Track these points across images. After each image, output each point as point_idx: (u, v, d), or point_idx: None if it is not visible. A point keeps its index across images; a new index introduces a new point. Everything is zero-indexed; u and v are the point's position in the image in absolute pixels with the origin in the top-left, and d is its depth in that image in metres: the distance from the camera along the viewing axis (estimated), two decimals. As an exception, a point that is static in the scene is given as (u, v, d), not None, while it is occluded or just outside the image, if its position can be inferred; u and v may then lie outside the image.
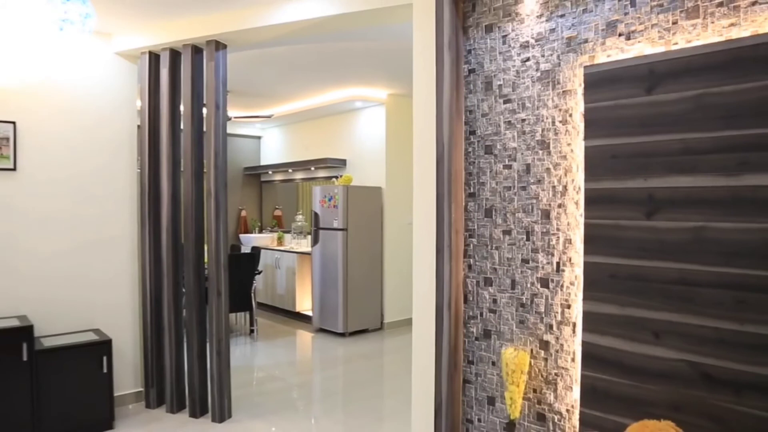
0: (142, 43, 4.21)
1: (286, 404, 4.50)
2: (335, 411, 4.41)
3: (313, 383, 5.11)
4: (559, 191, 2.62)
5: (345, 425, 4.12)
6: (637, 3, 2.36)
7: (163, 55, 4.21)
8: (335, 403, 4.63)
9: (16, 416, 3.59)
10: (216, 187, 4.08)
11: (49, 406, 3.71)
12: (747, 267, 2.05)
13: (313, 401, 4.65)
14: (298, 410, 4.39)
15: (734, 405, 2.09)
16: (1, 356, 3.55)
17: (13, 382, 3.58)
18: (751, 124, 2.03)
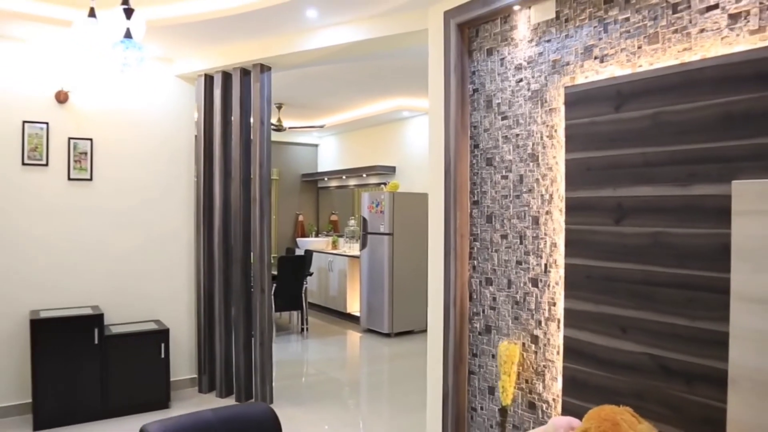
0: (198, 67, 4.75)
1: (325, 395, 4.91)
2: (370, 402, 4.78)
3: (354, 378, 5.50)
4: (546, 199, 2.89)
5: (377, 414, 4.48)
6: (609, 29, 2.61)
7: (216, 77, 4.73)
8: (371, 395, 5.00)
9: (89, 390, 4.18)
10: (261, 194, 4.55)
11: (116, 384, 4.28)
12: (696, 268, 2.27)
13: (350, 393, 5.03)
14: (335, 400, 4.79)
15: (686, 394, 2.30)
16: (77, 338, 4.15)
17: (86, 361, 4.17)
18: (698, 140, 2.25)
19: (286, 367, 5.71)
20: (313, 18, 3.88)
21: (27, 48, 4.28)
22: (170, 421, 2.16)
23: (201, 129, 4.82)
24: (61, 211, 4.46)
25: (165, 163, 4.87)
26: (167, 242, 4.89)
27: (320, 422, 4.25)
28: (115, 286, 4.66)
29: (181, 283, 4.96)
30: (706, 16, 2.27)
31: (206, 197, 4.82)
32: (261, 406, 2.34)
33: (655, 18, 2.44)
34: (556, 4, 2.84)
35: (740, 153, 2.14)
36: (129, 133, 4.72)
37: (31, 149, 4.34)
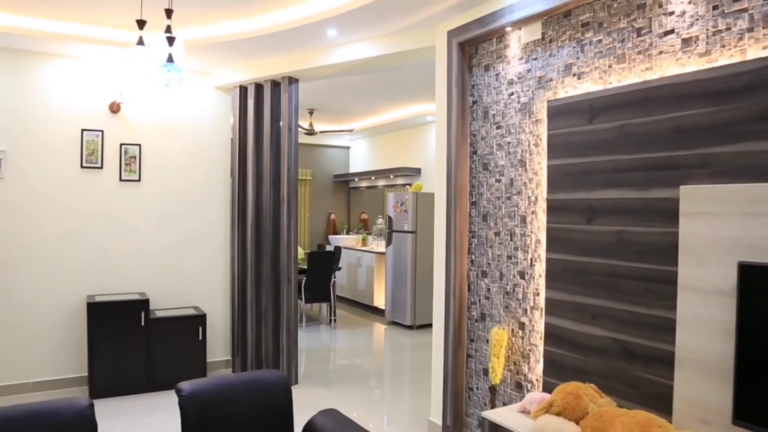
0: (233, 79, 5.22)
1: (346, 378, 5.33)
2: (387, 386, 5.17)
3: (374, 365, 5.89)
4: (532, 201, 3.23)
5: (392, 395, 4.87)
6: (585, 49, 2.93)
7: (249, 88, 5.20)
8: (389, 380, 5.38)
9: (136, 366, 4.71)
10: (288, 194, 4.99)
11: (159, 361, 4.80)
12: (653, 263, 2.58)
13: (370, 378, 5.42)
14: (355, 383, 5.19)
15: (644, 373, 2.62)
16: (126, 321, 4.69)
17: (134, 341, 4.71)
18: (655, 149, 2.57)
19: (313, 354, 6.15)
20: (334, 36, 4.29)
21: (84, 65, 4.83)
22: (201, 381, 2.62)
23: (236, 135, 5.28)
24: (114, 208, 5.00)
25: (204, 166, 5.36)
26: (206, 237, 5.38)
27: (339, 401, 4.66)
28: (159, 275, 5.18)
29: (218, 274, 5.45)
30: (664, 39, 2.58)
31: (240, 197, 5.28)
32: (275, 372, 2.78)
33: (623, 40, 2.76)
34: (542, 26, 3.18)
35: (688, 161, 2.45)
36: (173, 138, 5.22)
37: (88, 154, 4.88)
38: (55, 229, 4.78)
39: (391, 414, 4.45)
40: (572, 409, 2.58)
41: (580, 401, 2.59)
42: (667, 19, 2.56)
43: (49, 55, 4.71)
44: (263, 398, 2.67)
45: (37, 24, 4.25)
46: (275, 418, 2.66)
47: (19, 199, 4.65)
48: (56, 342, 4.79)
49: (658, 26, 2.61)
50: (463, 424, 3.71)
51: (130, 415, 4.30)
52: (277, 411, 2.67)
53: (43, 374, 4.74)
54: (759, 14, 2.24)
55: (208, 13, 4.14)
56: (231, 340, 5.42)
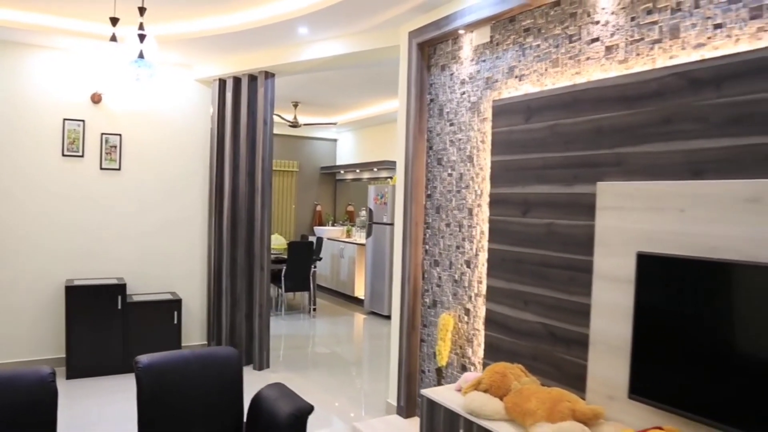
0: (213, 72, 5.42)
1: (317, 364, 5.55)
2: (356, 371, 5.39)
3: (347, 352, 6.11)
4: (478, 194, 3.44)
5: (357, 380, 5.09)
6: (526, 53, 3.13)
7: (228, 81, 5.40)
8: (359, 366, 5.60)
9: (112, 348, 4.93)
10: (263, 184, 5.20)
11: (135, 344, 5.02)
12: (575, 253, 2.79)
13: (341, 364, 5.64)
14: (326, 368, 5.42)
15: (566, 355, 2.83)
16: (104, 304, 4.90)
17: (111, 323, 4.93)
18: (580, 148, 2.77)
19: (290, 340, 6.37)
20: (305, 34, 4.48)
21: (67, 56, 5.03)
22: (158, 354, 2.84)
23: (215, 126, 5.49)
24: (94, 195, 5.21)
25: (183, 156, 5.57)
26: (183, 225, 5.60)
27: (306, 383, 4.88)
28: (138, 261, 5.40)
29: (195, 260, 5.67)
30: (590, 46, 2.78)
31: (217, 186, 5.49)
32: (228, 349, 3.00)
33: (557, 46, 2.96)
34: (491, 30, 3.38)
35: (606, 160, 2.65)
36: (153, 129, 5.43)
37: (69, 143, 5.09)
38: (36, 215, 4.99)
39: (353, 396, 4.67)
40: (498, 387, 2.79)
41: (506, 379, 2.81)
42: (594, 28, 2.76)
43: (32, 47, 4.91)
44: (216, 372, 2.90)
45: (21, 16, 4.45)
46: (227, 391, 2.89)
47: (1, 185, 4.86)
48: (35, 324, 5.01)
49: (586, 34, 2.81)
50: (415, 405, 3.93)
51: (105, 394, 4.52)
52: (229, 384, 2.90)
53: (21, 355, 4.96)
54: (666, 27, 2.44)
55: (189, 8, 4.34)
56: (206, 324, 5.64)
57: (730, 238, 2.12)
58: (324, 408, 4.37)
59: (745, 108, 2.15)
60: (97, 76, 5.17)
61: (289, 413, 2.61)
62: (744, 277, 2.01)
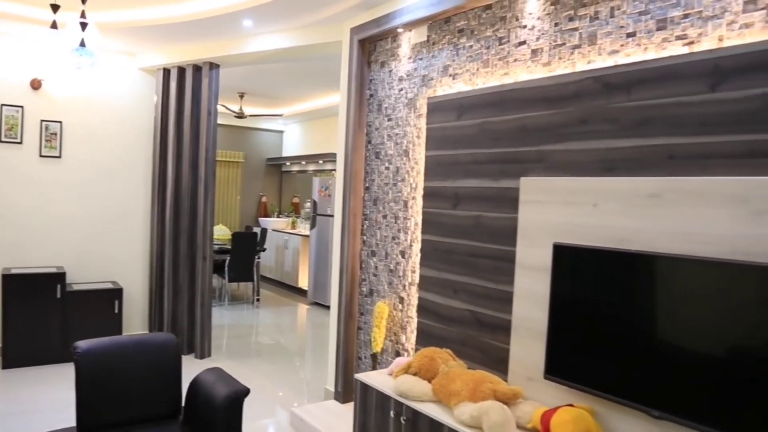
0: (158, 62, 5.39)
1: (259, 352, 5.62)
2: (297, 359, 5.48)
3: (289, 341, 6.19)
4: (413, 187, 3.58)
5: (298, 368, 5.18)
6: (459, 53, 3.28)
7: (172, 71, 5.38)
8: (300, 354, 5.69)
9: (51, 337, 4.88)
10: (206, 175, 5.22)
11: (74, 333, 4.97)
12: (501, 244, 2.96)
13: (282, 352, 5.72)
14: (267, 356, 5.49)
15: (491, 340, 3.01)
16: (42, 293, 4.84)
17: (49, 313, 4.88)
18: (506, 145, 2.94)
19: (233, 330, 6.41)
20: (250, 26, 4.53)
21: (6, 40, 4.91)
22: (96, 340, 2.87)
23: (158, 116, 5.46)
24: (33, 183, 5.11)
25: (126, 145, 5.52)
26: (126, 213, 5.55)
27: (247, 371, 4.95)
28: (78, 250, 5.33)
29: (137, 249, 5.63)
30: (518, 49, 2.95)
31: (161, 175, 5.47)
32: (166, 334, 3.06)
33: (488, 47, 3.12)
34: (428, 30, 3.51)
35: (529, 156, 2.83)
36: (94, 117, 5.36)
37: (7, 129, 4.98)
38: (-29, 200, 4.88)
39: (295, 384, 4.77)
40: (426, 370, 2.94)
41: (434, 363, 2.96)
42: (522, 32, 2.93)
43: (-32, 29, 4.79)
44: (154, 357, 2.95)
45: (-46, -2, 4.34)
46: (165, 375, 2.95)
47: (-66, 169, 4.73)
48: (-30, 311, 4.90)
49: (514, 37, 2.97)
50: (352, 390, 4.06)
51: (43, 383, 4.48)
52: (167, 369, 2.96)
53: (-45, 342, 4.85)
54: (586, 33, 2.63)
55: (126, -3, 4.32)
56: (148, 314, 5.62)
57: (636, 231, 2.32)
58: (265, 395, 4.45)
59: (651, 111, 2.35)
60: (37, 62, 5.06)
61: (225, 395, 2.70)
62: (647, 266, 2.21)
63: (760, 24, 2.05)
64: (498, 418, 2.41)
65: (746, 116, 2.06)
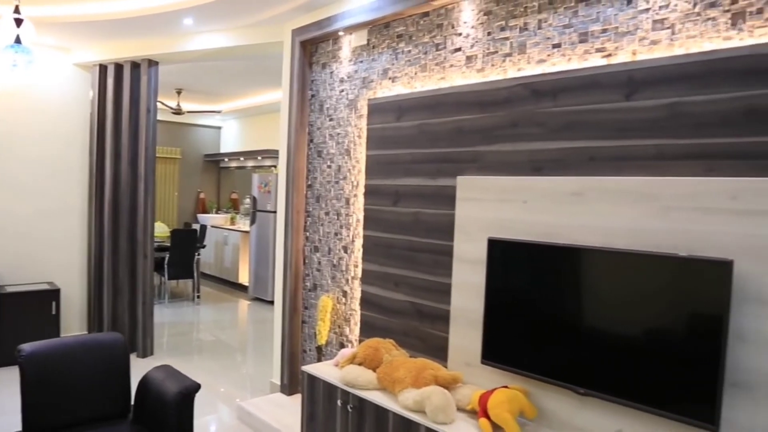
0: (93, 58, 5.30)
1: (202, 349, 5.63)
2: (241, 355, 5.53)
3: (232, 337, 6.22)
4: (355, 185, 3.72)
5: (242, 363, 5.24)
6: (398, 57, 3.44)
7: (109, 68, 5.30)
8: (244, 350, 5.75)
9: (-20, 342, 4.74)
10: (146, 173, 5.19)
11: (10, 336, 4.85)
12: (439, 239, 3.15)
13: (225, 348, 5.75)
14: (210, 353, 5.52)
15: (431, 330, 3.19)
16: (-29, 296, 4.70)
17: (-22, 315, 4.73)
18: (443, 145, 3.13)
19: (174, 328, 6.38)
20: (190, 25, 4.54)
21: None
22: (41, 342, 2.87)
23: (95, 113, 5.37)
24: (-42, 181, 4.95)
25: (61, 142, 5.40)
26: (62, 213, 5.44)
27: (192, 368, 4.97)
28: (12, 251, 5.19)
29: (74, 249, 5.53)
30: (454, 55, 3.13)
31: (98, 173, 5.39)
32: (113, 334, 3.08)
33: (426, 52, 3.28)
34: (368, 34, 3.65)
35: (464, 157, 3.02)
36: (27, 113, 5.22)
37: (-71, 124, 4.79)
38: None
39: (238, 380, 4.84)
40: (371, 360, 3.10)
41: (378, 353, 3.12)
42: (457, 39, 3.11)
43: None
44: (101, 357, 2.97)
45: None
46: (113, 375, 2.97)
47: None
48: None
49: (450, 44, 3.15)
50: (298, 382, 4.18)
51: (-25, 385, 4.37)
52: (115, 368, 2.99)
53: None
54: (516, 43, 2.83)
55: (61, -7, 4.25)
56: (87, 314, 5.54)
57: (561, 225, 2.54)
58: (209, 392, 4.50)
59: (574, 116, 2.57)
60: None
61: (176, 392, 2.76)
62: (571, 258, 2.43)
63: (666, 41, 2.30)
64: (439, 402, 2.59)
65: (655, 123, 2.31)
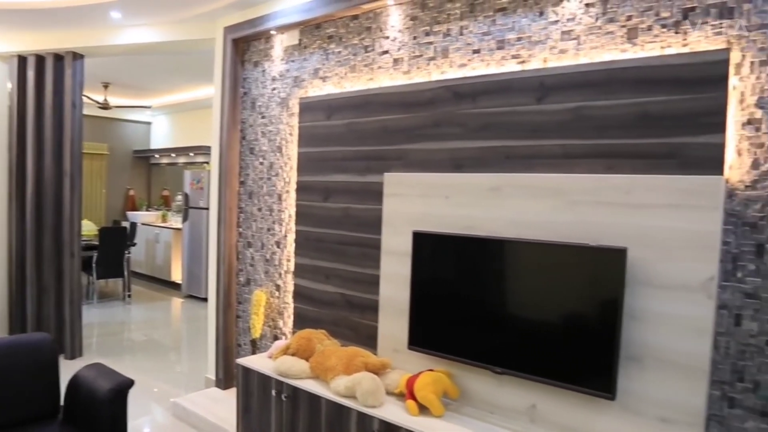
0: (11, 48, 5.14)
1: (134, 349, 5.58)
2: (174, 353, 5.51)
3: (165, 335, 6.18)
4: (287, 182, 3.81)
5: (176, 361, 5.23)
6: (329, 57, 3.56)
7: (29, 59, 5.15)
8: (178, 348, 5.73)
9: None
10: (72, 169, 5.08)
11: (-77, 340, 4.66)
12: (368, 233, 3.29)
13: (159, 346, 5.71)
14: (143, 352, 5.47)
15: (361, 319, 3.33)
16: None
17: None
18: (371, 143, 3.27)
19: (104, 328, 6.26)
20: (118, 18, 4.49)
21: None
22: (-39, 344, 2.81)
23: (14, 106, 5.21)
24: None
25: (-22, 137, 5.22)
26: (-20, 210, 5.26)
27: (124, 368, 4.92)
28: (-77, 250, 4.98)
29: (-6, 248, 5.36)
30: (382, 57, 3.27)
31: (19, 169, 5.23)
32: (40, 334, 3.06)
33: (355, 54, 3.41)
34: (300, 34, 3.75)
35: (391, 154, 3.17)
36: (-60, 106, 5.01)
37: None
38: None
39: (172, 378, 4.84)
40: (304, 350, 3.21)
41: (311, 343, 3.23)
42: (385, 42, 3.26)
43: None
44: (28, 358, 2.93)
45: None
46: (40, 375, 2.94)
47: None
48: None
49: (378, 47, 3.29)
50: (233, 376, 4.23)
51: None
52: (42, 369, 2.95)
53: None
54: (439, 48, 3.00)
55: (-21, -16, 4.12)
56: (8, 316, 5.37)
57: (481, 219, 2.73)
58: (143, 392, 4.48)
59: (491, 118, 2.76)
60: None
61: (109, 389, 2.77)
62: (489, 248, 2.62)
63: (573, 51, 2.52)
64: (369, 387, 2.73)
65: (563, 125, 2.53)
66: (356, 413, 2.70)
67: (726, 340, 2.14)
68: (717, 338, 2.15)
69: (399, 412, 2.65)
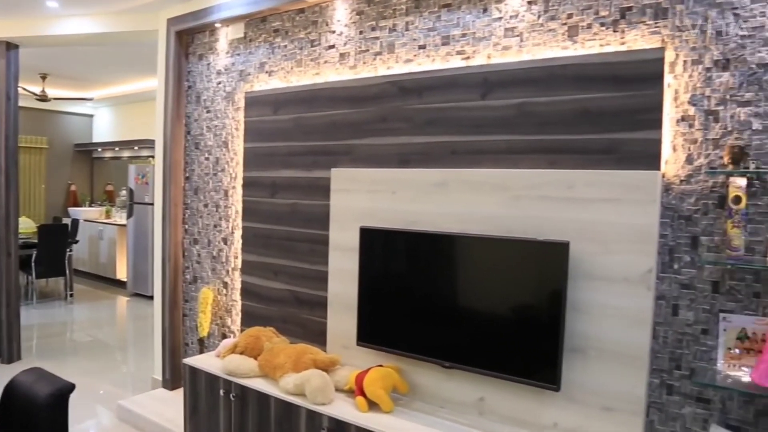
0: (-61, 38, 4.88)
1: (78, 350, 5.40)
2: (120, 353, 5.37)
3: (111, 335, 6.01)
4: (233, 177, 3.75)
5: (122, 362, 5.10)
6: (275, 51, 3.51)
7: (-41, 50, 4.90)
8: (124, 348, 5.57)
9: None
10: (7, 164, 4.88)
11: None
12: (315, 228, 3.27)
13: (104, 347, 5.55)
14: (87, 354, 5.30)
15: (310, 316, 3.32)
16: None
17: None
18: (318, 138, 3.24)
19: (44, 329, 6.04)
20: (55, 7, 4.31)
21: None
22: None
23: (-56, 99, 4.95)
24: None
25: None
26: None
27: (66, 371, 4.76)
28: None
29: (-77, 248, 5.09)
30: (328, 52, 3.25)
31: (-50, 165, 4.99)
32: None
33: (301, 48, 3.38)
34: (245, 27, 3.68)
35: (339, 150, 3.15)
36: None
37: None
38: None
39: (118, 379, 4.71)
40: (252, 348, 3.17)
41: (259, 341, 3.19)
42: (331, 37, 3.23)
43: None
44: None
45: None
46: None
47: None
48: None
49: (324, 41, 3.26)
50: (180, 376, 4.15)
51: None
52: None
53: None
54: (386, 43, 3.00)
55: None
56: (-60, 317, 5.12)
57: (427, 214, 2.74)
58: (87, 394, 4.34)
59: (437, 113, 2.78)
60: None
61: (48, 393, 2.66)
62: (435, 243, 2.64)
63: (516, 48, 2.56)
64: (318, 384, 2.72)
65: (506, 120, 2.56)
66: (305, 411, 2.68)
67: (664, 329, 2.22)
68: (656, 328, 2.23)
69: (348, 409, 2.64)
